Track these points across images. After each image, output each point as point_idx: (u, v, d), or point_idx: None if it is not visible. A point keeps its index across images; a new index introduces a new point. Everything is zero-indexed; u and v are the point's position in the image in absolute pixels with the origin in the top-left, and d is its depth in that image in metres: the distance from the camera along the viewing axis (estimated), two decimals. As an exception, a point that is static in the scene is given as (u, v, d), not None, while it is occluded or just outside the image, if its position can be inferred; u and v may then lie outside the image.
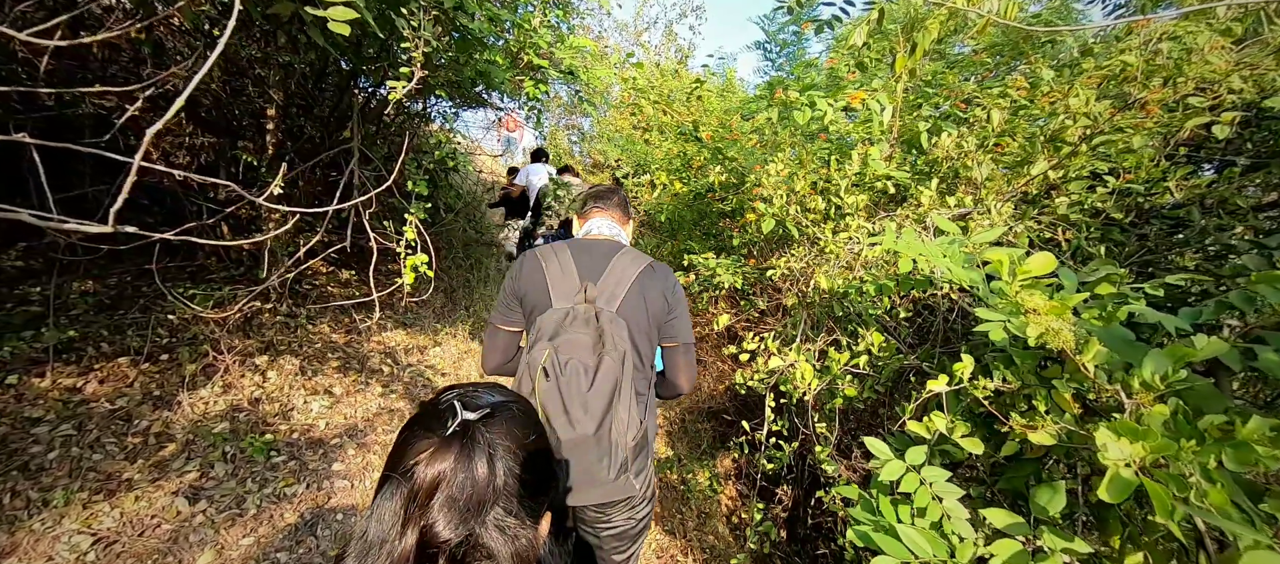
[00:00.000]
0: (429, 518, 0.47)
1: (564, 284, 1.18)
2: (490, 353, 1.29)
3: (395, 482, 0.50)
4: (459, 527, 0.47)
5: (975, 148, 1.55)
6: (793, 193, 2.09)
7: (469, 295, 4.59)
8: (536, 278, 1.21)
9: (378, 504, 0.50)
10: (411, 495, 0.48)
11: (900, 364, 1.48)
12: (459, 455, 0.50)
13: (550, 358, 1.04)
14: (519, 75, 2.68)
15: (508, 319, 1.26)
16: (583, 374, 1.05)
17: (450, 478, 0.49)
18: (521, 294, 1.23)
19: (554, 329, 1.10)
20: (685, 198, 3.95)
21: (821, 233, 2.00)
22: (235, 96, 3.07)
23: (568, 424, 1.04)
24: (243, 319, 2.84)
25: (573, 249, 1.24)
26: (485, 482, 0.50)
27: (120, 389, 2.34)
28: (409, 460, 0.50)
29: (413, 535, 0.47)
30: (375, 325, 3.53)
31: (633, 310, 1.17)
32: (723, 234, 4.05)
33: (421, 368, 3.45)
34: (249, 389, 2.52)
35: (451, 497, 0.48)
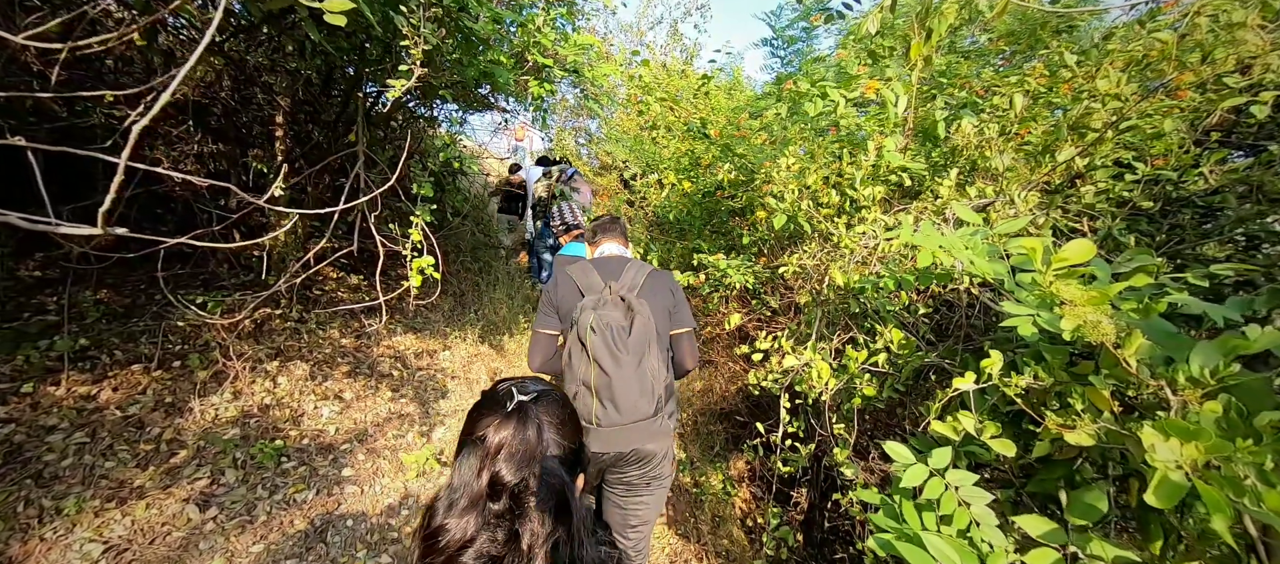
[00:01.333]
0: (495, 467, 0.65)
1: (592, 286, 1.55)
2: (534, 353, 1.65)
3: (471, 445, 0.67)
4: (517, 473, 0.65)
5: (997, 135, 1.49)
6: (805, 188, 2.04)
7: (478, 298, 4.59)
8: (569, 286, 1.58)
9: (460, 462, 0.66)
10: (484, 453, 0.65)
11: (920, 362, 1.42)
12: (517, 425, 0.68)
13: (595, 320, 1.40)
14: (524, 75, 2.66)
15: (548, 325, 1.62)
16: (623, 330, 1.42)
17: (510, 440, 0.67)
18: (558, 303, 1.59)
19: (593, 306, 1.45)
20: (694, 196, 3.90)
21: (835, 228, 1.95)
22: (244, 105, 3.09)
23: (615, 364, 1.39)
24: (254, 326, 2.85)
25: (594, 263, 1.63)
26: (535, 442, 0.68)
27: (133, 396, 2.35)
28: (479, 430, 0.69)
29: (485, 478, 0.64)
30: (383, 329, 3.53)
31: (645, 295, 1.54)
32: (733, 233, 4.00)
33: (432, 372, 3.44)
34: (260, 395, 2.52)
35: (511, 452, 0.66)
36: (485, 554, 0.62)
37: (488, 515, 0.64)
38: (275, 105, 2.75)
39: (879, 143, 1.84)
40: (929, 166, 1.78)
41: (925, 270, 1.25)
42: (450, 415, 3.12)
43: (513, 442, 0.67)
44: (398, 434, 2.73)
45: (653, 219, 6.22)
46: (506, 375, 0.84)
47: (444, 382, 3.38)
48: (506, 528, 0.64)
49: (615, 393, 1.39)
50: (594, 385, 1.41)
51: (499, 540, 0.63)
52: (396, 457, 2.55)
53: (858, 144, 2.05)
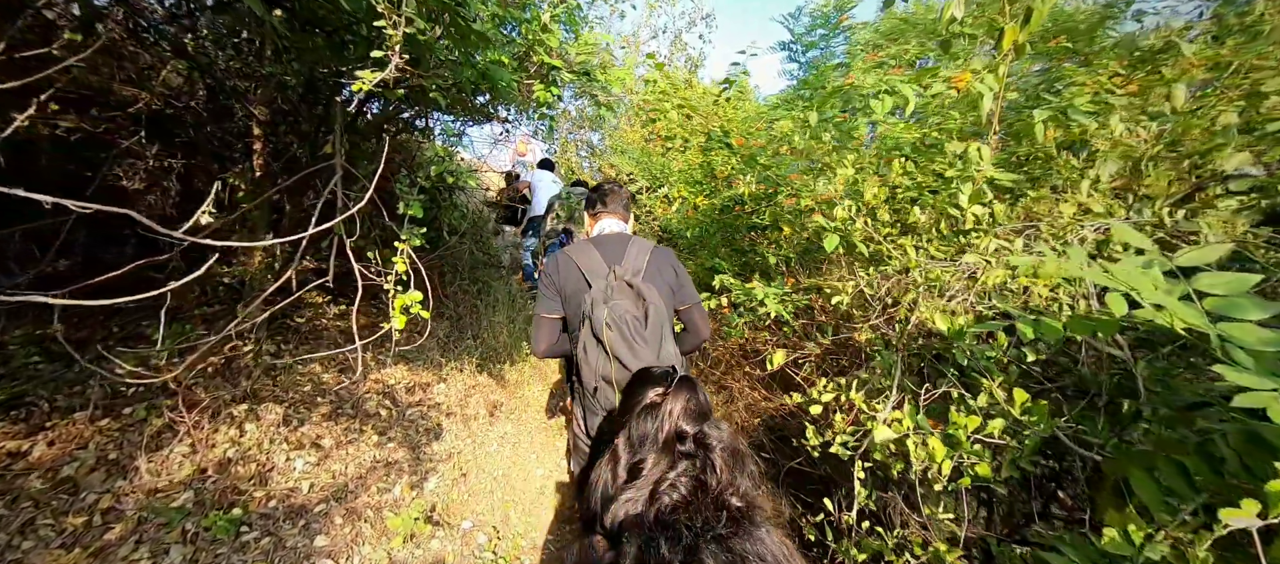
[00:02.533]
0: (677, 423, 0.81)
1: (596, 268, 1.50)
2: (539, 338, 1.63)
3: (646, 409, 0.84)
4: (695, 425, 0.81)
5: (1154, 136, 1.18)
6: (862, 204, 1.72)
7: (476, 323, 4.25)
8: (572, 271, 1.53)
9: (635, 422, 0.84)
10: (665, 413, 0.81)
11: (1050, 432, 1.09)
12: (689, 390, 0.86)
13: (609, 314, 1.37)
14: (528, 79, 2.35)
15: (551, 309, 1.59)
16: (637, 321, 1.39)
17: (686, 403, 0.83)
18: (561, 285, 1.56)
19: (603, 297, 1.41)
20: (710, 211, 3.59)
21: (903, 251, 1.63)
22: (220, 117, 2.78)
23: (634, 358, 1.36)
24: (221, 364, 2.51)
25: (595, 244, 1.58)
26: (704, 404, 0.86)
27: (71, 452, 2.00)
28: (646, 398, 0.86)
29: (669, 428, 0.80)
30: (371, 361, 3.19)
31: (651, 278, 1.52)
32: (753, 251, 3.68)
33: (425, 408, 3.09)
34: (222, 447, 2.17)
35: (688, 411, 0.82)
36: (688, 476, 0.74)
37: (678, 454, 0.77)
38: (252, 115, 2.44)
39: (971, 148, 1.52)
40: (1025, 178, 1.46)
41: (1082, 319, 0.93)
42: (444, 460, 2.77)
43: (689, 404, 0.82)
44: (383, 487, 2.38)
45: (659, 234, 5.91)
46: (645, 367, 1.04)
47: (438, 420, 3.03)
48: (702, 458, 0.76)
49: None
50: (615, 380, 1.40)
51: (696, 467, 0.75)
52: (381, 518, 2.19)
53: (924, 151, 1.73)
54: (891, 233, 1.74)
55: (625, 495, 0.74)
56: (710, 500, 0.70)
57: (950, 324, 1.14)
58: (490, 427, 3.30)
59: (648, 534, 0.67)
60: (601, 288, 1.43)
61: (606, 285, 1.44)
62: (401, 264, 1.52)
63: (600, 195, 1.71)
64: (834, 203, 2.12)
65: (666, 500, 0.71)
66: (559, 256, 1.58)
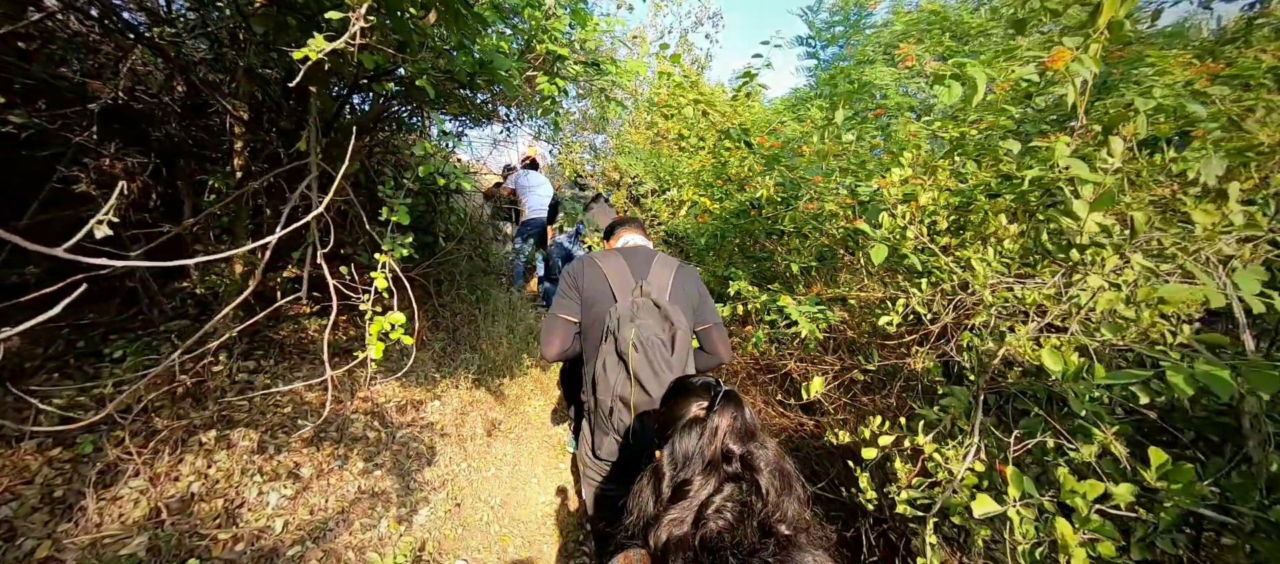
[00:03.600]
0: (724, 442, 0.77)
1: (623, 282, 1.45)
2: (552, 340, 1.52)
3: (690, 423, 0.80)
4: (742, 445, 0.77)
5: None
6: (914, 212, 1.49)
7: (474, 334, 4.01)
8: (598, 277, 1.48)
9: (679, 438, 0.80)
10: (710, 430, 0.78)
11: (1196, 502, 0.85)
12: (734, 407, 0.81)
13: (637, 336, 1.31)
14: (531, 70, 2.12)
15: (569, 311, 1.50)
16: (663, 346, 1.35)
17: (733, 422, 0.79)
18: (583, 289, 1.49)
19: (630, 315, 1.35)
20: (723, 216, 3.36)
21: (967, 265, 1.39)
22: (197, 113, 2.56)
23: (656, 384, 1.30)
24: (191, 384, 2.28)
25: (623, 255, 1.53)
26: (751, 421, 0.81)
27: (15, 487, 1.77)
28: (690, 412, 0.83)
29: (716, 447, 0.77)
30: (358, 375, 2.95)
31: (677, 299, 1.46)
32: (770, 258, 3.45)
33: (417, 429, 2.86)
34: (187, 480, 1.94)
35: (735, 429, 0.79)
36: (734, 499, 0.73)
37: (724, 475, 0.75)
38: (228, 111, 2.22)
39: (1061, 141, 1.28)
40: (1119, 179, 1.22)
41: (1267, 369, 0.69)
42: (436, 489, 2.53)
43: (736, 423, 0.79)
44: (367, 523, 2.14)
45: (663, 238, 5.68)
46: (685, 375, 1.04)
47: (431, 442, 2.79)
48: (749, 480, 0.74)
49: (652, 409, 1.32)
50: (635, 404, 1.33)
51: (743, 490, 0.74)
52: (363, 560, 1.96)
53: (989, 148, 1.50)
54: (950, 242, 1.51)
55: (670, 516, 0.73)
56: (757, 525, 0.70)
57: (1062, 362, 0.91)
58: (488, 447, 3.06)
59: (694, 558, 0.68)
60: (628, 305, 1.39)
61: (633, 303, 1.39)
62: (382, 279, 1.29)
63: (618, 221, 1.77)
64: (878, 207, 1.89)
65: (713, 526, 0.70)
66: (585, 261, 1.54)
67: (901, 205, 1.45)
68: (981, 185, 1.62)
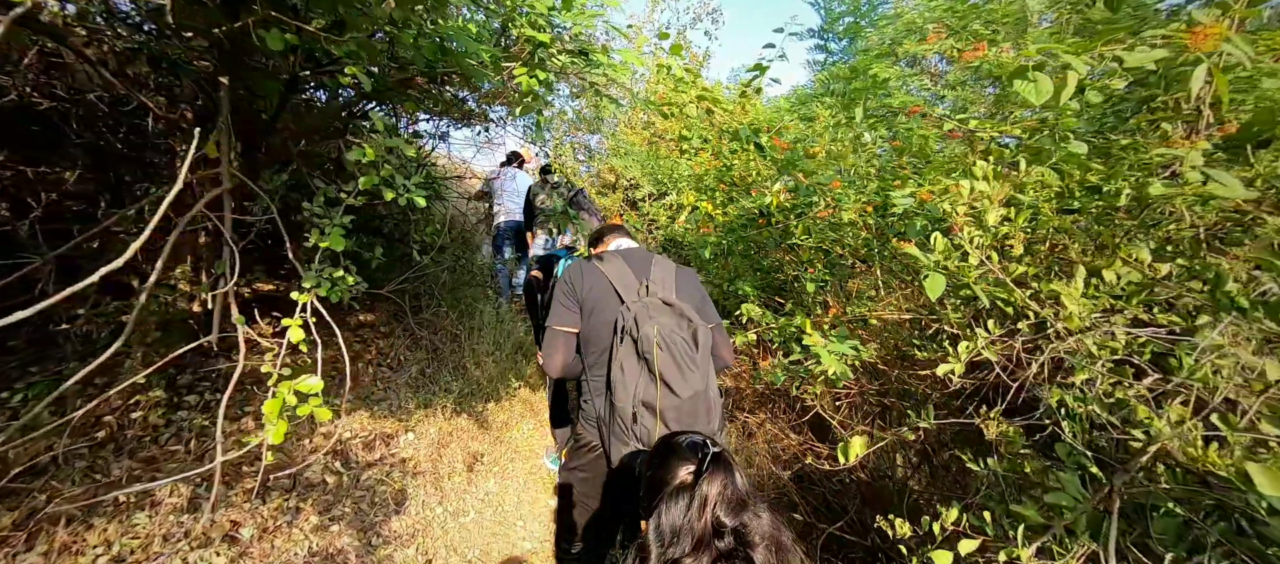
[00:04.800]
0: (715, 513, 0.72)
1: (627, 283, 1.39)
2: (554, 354, 1.45)
3: (678, 491, 0.75)
4: (734, 517, 0.72)
5: None
6: (982, 234, 1.18)
7: (458, 352, 3.69)
8: (599, 282, 1.43)
9: (665, 507, 0.75)
10: (700, 501, 0.72)
11: None
12: (724, 474, 0.75)
13: (660, 334, 1.25)
14: (507, 61, 1.81)
15: (568, 321, 1.44)
16: (688, 345, 1.28)
17: (724, 490, 0.73)
18: (584, 296, 1.43)
19: (645, 315, 1.28)
20: (731, 225, 3.05)
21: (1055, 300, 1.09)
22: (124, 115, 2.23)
23: (684, 383, 1.25)
24: (114, 428, 1.95)
25: (620, 257, 1.48)
26: (743, 489, 0.75)
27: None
28: (676, 477, 0.78)
29: (707, 521, 0.71)
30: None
31: (683, 297, 1.40)
32: (780, 270, 3.14)
33: (386, 468, 2.53)
34: (92, 554, 1.61)
35: (727, 499, 0.73)
36: None
37: (716, 554, 0.70)
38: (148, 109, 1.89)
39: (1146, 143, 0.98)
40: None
41: None
42: (405, 542, 2.21)
43: (726, 491, 0.74)
44: (319, 596, 1.82)
45: (661, 246, 5.37)
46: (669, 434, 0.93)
47: (401, 483, 2.47)
48: (743, 558, 0.70)
49: (683, 415, 1.27)
50: (660, 408, 1.25)
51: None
52: (308, 646, 1.64)
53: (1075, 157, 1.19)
54: (1026, 271, 1.20)
55: None
56: None
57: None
58: (468, 485, 2.74)
59: None
60: (642, 308, 1.31)
61: (642, 303, 1.32)
62: (296, 329, 0.97)
63: (605, 229, 1.70)
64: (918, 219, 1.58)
65: None
66: (582, 266, 1.47)
67: (972, 227, 1.14)
68: (1049, 198, 1.31)
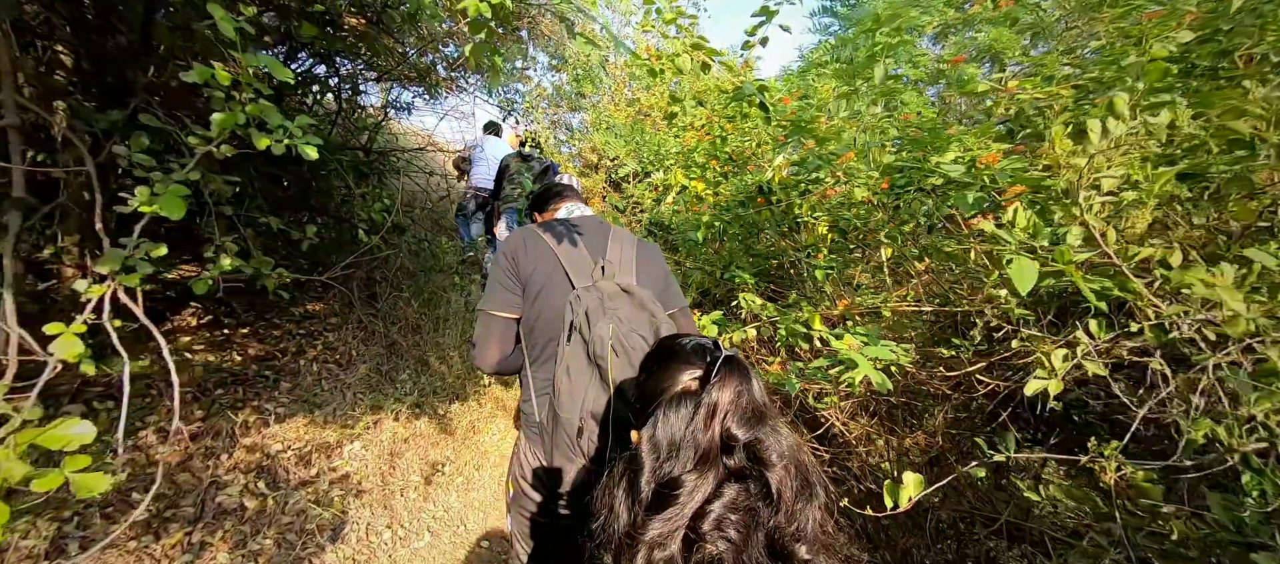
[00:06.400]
0: (725, 424, 0.59)
1: (579, 262, 1.16)
2: (488, 344, 1.20)
3: (680, 398, 0.61)
4: (749, 431, 0.59)
5: None
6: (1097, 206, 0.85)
7: (420, 345, 3.30)
8: (544, 257, 1.17)
9: (663, 415, 0.61)
10: (707, 408, 0.59)
11: None
12: (739, 378, 0.62)
13: (616, 335, 1.04)
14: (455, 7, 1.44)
15: (507, 304, 1.19)
16: (647, 346, 1.01)
17: (737, 397, 0.60)
18: (528, 275, 1.17)
19: (599, 308, 1.06)
20: (726, 204, 2.71)
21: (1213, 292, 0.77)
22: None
23: None
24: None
25: (572, 227, 1.23)
26: (761, 400, 0.62)
27: None
28: (679, 383, 0.65)
29: (715, 432, 0.58)
30: (248, 415, 2.23)
31: (644, 281, 1.19)
32: (780, 255, 2.81)
33: (324, 486, 2.16)
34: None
35: (741, 409, 0.60)
36: (738, 507, 0.56)
37: (724, 472, 0.58)
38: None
39: None
40: None
41: None
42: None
43: (741, 399, 0.61)
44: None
45: (648, 229, 5.01)
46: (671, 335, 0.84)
47: (340, 504, 2.10)
48: (757, 478, 0.58)
49: None
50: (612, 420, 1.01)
51: (750, 492, 0.57)
52: None
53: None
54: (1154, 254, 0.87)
55: (651, 532, 0.54)
56: (764, 541, 0.55)
57: None
58: (424, 502, 2.38)
59: None
60: (594, 295, 1.08)
61: (597, 292, 1.09)
62: (69, 339, 0.59)
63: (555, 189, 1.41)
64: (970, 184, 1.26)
65: (712, 550, 0.54)
66: (526, 235, 1.20)
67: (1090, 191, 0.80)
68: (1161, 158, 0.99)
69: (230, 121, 0.84)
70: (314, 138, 0.92)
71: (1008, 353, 1.79)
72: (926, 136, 1.56)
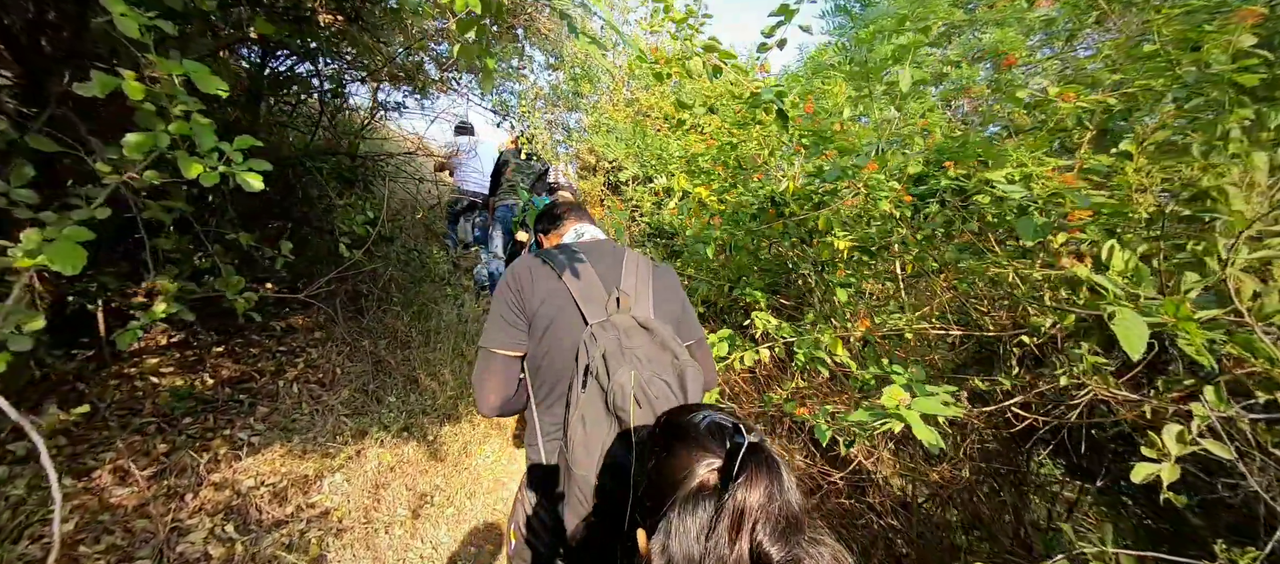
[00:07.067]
0: (754, 536, 0.49)
1: (592, 294, 1.04)
2: (488, 386, 1.07)
3: (697, 496, 0.52)
4: (785, 549, 0.49)
5: None
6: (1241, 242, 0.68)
7: (409, 361, 3.12)
8: (555, 289, 1.05)
9: (677, 527, 0.51)
10: (730, 516, 0.49)
11: None
12: (769, 477, 0.51)
13: (638, 382, 0.89)
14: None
15: (511, 341, 1.06)
16: (672, 392, 0.92)
17: (767, 502, 0.50)
18: (535, 309, 1.05)
19: (617, 350, 0.93)
20: (737, 215, 2.54)
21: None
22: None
23: None
24: None
25: (584, 253, 1.12)
26: (796, 506, 0.51)
27: None
28: (696, 476, 0.54)
29: (743, 550, 0.48)
30: (221, 444, 2.04)
31: (662, 313, 1.08)
32: (794, 269, 2.65)
33: (301, 524, 1.98)
34: None
35: (772, 518, 0.49)
36: None
37: None
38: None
39: None
40: None
41: None
42: (317, 635, 1.67)
43: (772, 503, 0.49)
44: None
45: (648, 233, 4.84)
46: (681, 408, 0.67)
47: (317, 546, 1.92)
48: None
49: None
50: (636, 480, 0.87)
51: None
52: None
53: None
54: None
55: None
56: None
57: None
58: (412, 538, 2.20)
59: None
60: (610, 334, 0.94)
61: (615, 328, 0.96)
62: None
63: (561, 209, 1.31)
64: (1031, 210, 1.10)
65: None
66: (532, 264, 1.10)
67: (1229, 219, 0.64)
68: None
69: (148, 144, 0.67)
70: (260, 163, 0.75)
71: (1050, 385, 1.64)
72: (974, 148, 1.39)
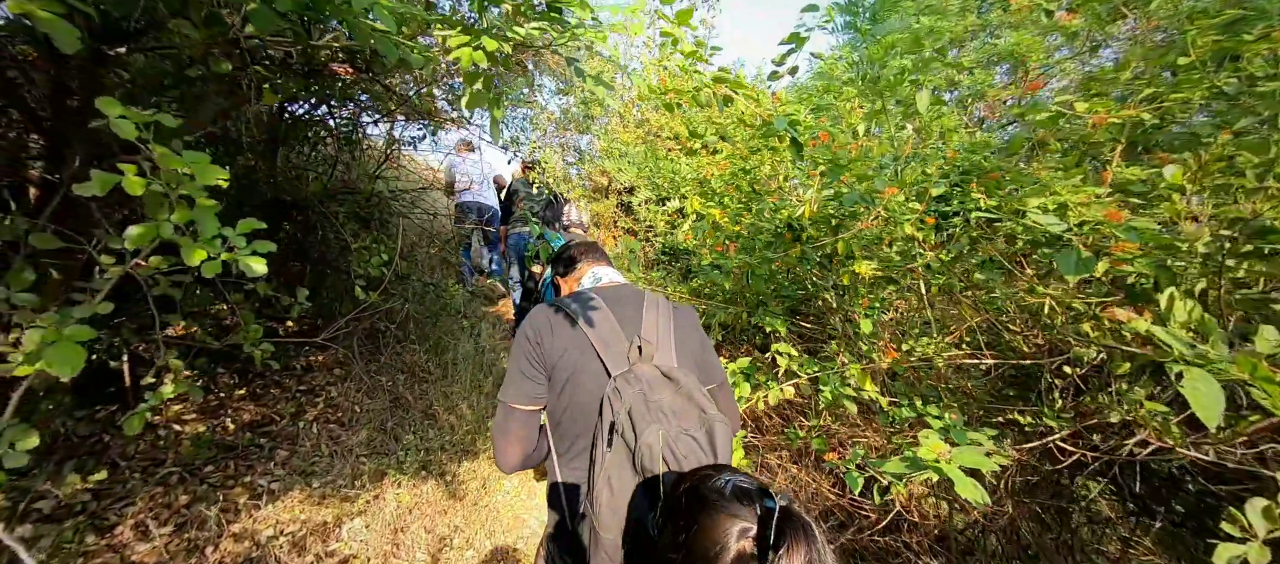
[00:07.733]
0: None
1: (613, 341, 1.01)
2: (508, 441, 1.04)
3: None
4: None
5: None
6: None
7: (427, 396, 3.11)
8: (575, 339, 1.03)
9: None
10: None
11: None
12: (809, 543, 0.49)
13: (666, 441, 0.86)
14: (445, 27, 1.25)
15: (530, 395, 1.03)
16: (701, 450, 0.89)
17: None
18: (555, 362, 1.03)
19: (643, 406, 0.90)
20: (753, 243, 2.49)
21: None
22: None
23: None
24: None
25: (604, 299, 1.09)
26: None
27: None
28: (727, 550, 0.52)
29: None
30: (240, 492, 2.04)
31: (687, 360, 1.07)
32: (815, 296, 2.58)
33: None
34: None
35: None
36: None
37: None
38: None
39: None
40: None
41: None
42: None
43: None
44: None
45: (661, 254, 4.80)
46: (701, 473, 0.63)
47: (339, 598, 1.89)
48: None
49: None
50: None
51: None
52: None
53: None
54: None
55: None
56: None
57: None
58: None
59: None
60: (635, 388, 0.90)
61: (639, 381, 0.92)
62: None
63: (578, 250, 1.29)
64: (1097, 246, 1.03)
65: None
66: (550, 314, 1.06)
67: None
68: None
69: (150, 234, 0.65)
70: (263, 244, 0.73)
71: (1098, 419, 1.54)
72: (1002, 178, 1.32)
